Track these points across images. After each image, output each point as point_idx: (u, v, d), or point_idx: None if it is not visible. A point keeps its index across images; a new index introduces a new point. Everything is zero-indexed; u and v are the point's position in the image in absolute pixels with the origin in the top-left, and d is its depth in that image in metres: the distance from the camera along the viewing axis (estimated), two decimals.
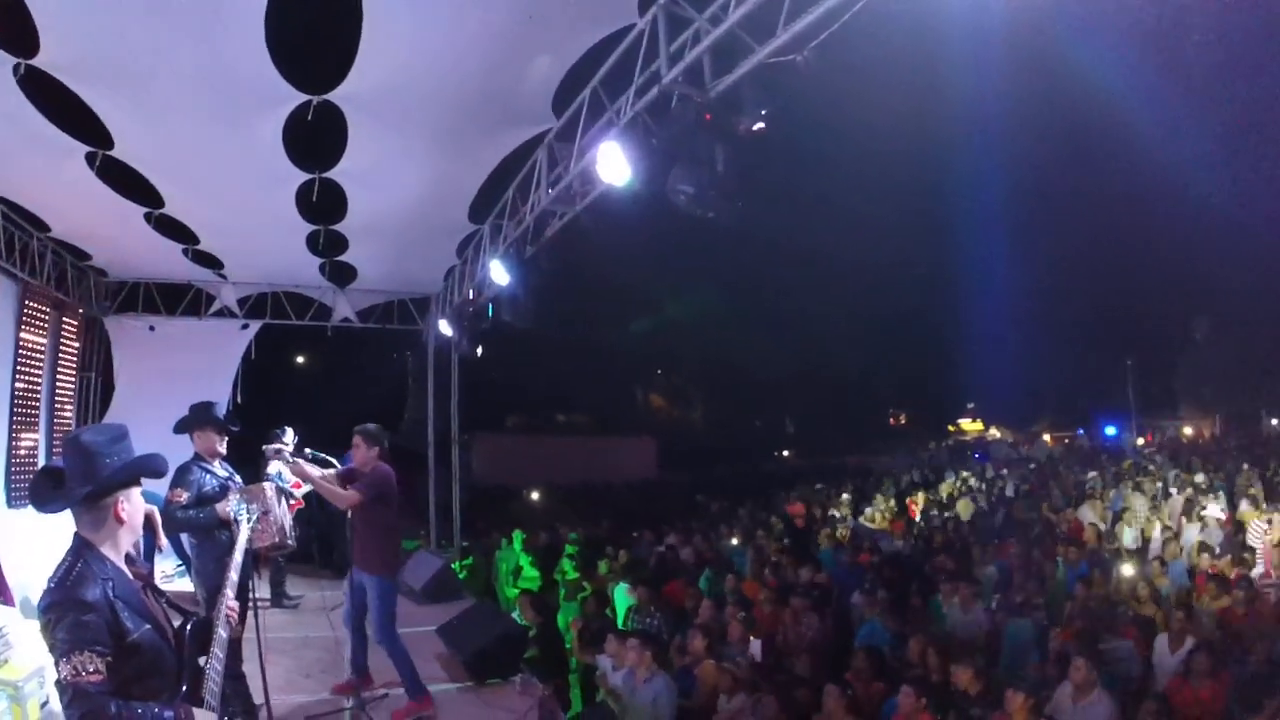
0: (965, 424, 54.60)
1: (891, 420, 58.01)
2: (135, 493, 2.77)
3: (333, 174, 7.82)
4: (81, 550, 2.61)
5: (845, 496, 19.45)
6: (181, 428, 5.69)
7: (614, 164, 5.80)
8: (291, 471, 5.82)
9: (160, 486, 5.19)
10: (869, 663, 6.79)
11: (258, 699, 5.12)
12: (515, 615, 8.84)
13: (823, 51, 4.61)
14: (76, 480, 2.64)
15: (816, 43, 4.58)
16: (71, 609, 2.44)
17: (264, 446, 5.95)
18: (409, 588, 9.73)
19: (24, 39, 5.36)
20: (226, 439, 5.72)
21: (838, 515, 16.38)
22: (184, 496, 5.31)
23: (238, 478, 5.68)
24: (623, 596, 9.60)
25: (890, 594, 8.65)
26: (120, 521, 2.69)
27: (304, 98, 6.25)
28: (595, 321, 32.83)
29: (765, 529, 14.45)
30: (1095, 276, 40.50)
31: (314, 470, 6.02)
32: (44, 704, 5.57)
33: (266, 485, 5.41)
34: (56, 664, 2.38)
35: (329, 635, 6.36)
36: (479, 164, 7.97)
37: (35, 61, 5.62)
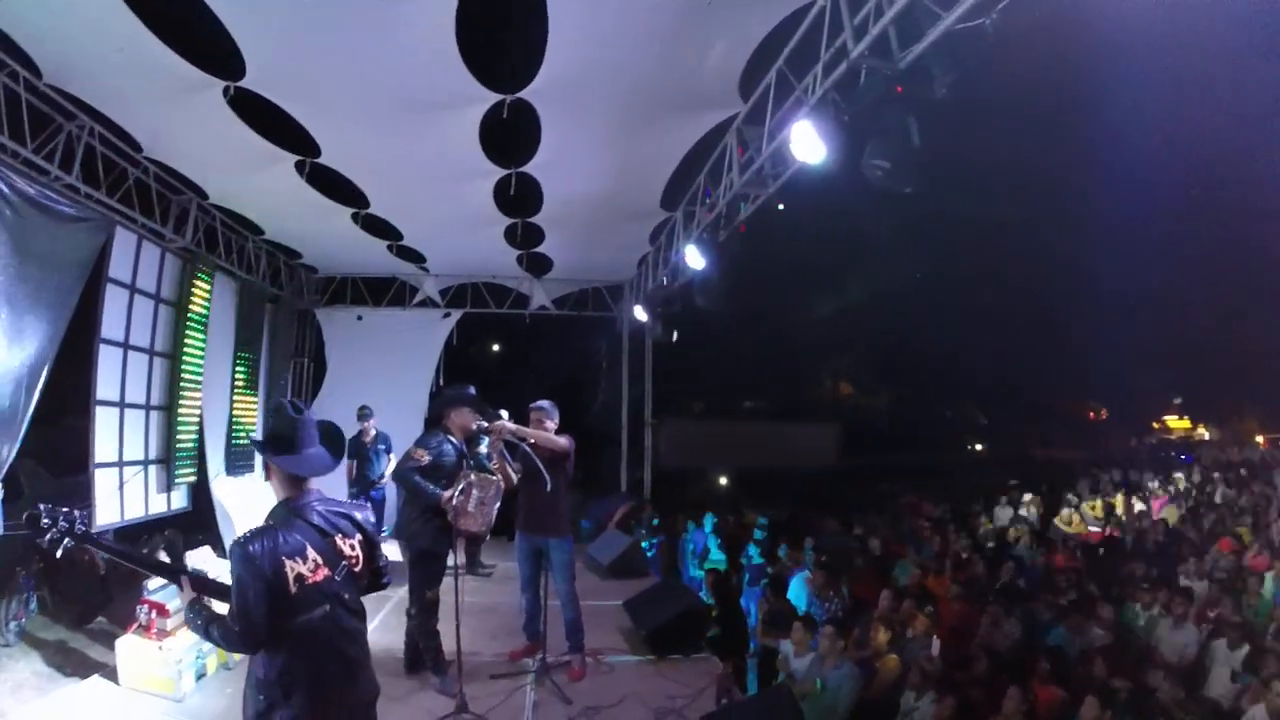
0: (1171, 421, 49.99)
1: (1091, 414, 54.02)
2: None
3: (528, 168, 8.14)
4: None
5: (1030, 496, 18.23)
6: (437, 408, 6.00)
7: (808, 143, 5.75)
8: (514, 434, 5.79)
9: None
10: (1054, 668, 6.44)
11: (450, 655, 5.53)
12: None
13: (1009, 15, 4.37)
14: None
15: (1005, 3, 4.35)
16: None
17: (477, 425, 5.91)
18: (596, 563, 10.07)
19: (232, 64, 5.96)
20: (481, 419, 5.85)
21: (1027, 515, 15.43)
22: (425, 459, 5.57)
23: (472, 463, 5.84)
24: (799, 583, 9.57)
25: (1083, 599, 8.17)
26: None
27: (497, 97, 6.53)
28: (783, 306, 32.32)
29: (955, 524, 13.90)
30: None
31: (534, 428, 6.07)
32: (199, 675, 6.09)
33: (496, 479, 5.64)
34: None
35: (514, 602, 6.67)
36: (669, 151, 8.03)
37: (243, 83, 6.21)
